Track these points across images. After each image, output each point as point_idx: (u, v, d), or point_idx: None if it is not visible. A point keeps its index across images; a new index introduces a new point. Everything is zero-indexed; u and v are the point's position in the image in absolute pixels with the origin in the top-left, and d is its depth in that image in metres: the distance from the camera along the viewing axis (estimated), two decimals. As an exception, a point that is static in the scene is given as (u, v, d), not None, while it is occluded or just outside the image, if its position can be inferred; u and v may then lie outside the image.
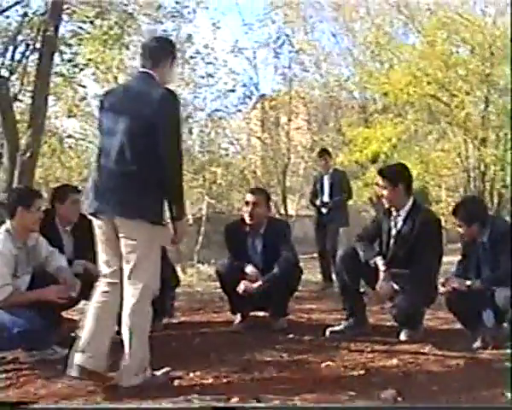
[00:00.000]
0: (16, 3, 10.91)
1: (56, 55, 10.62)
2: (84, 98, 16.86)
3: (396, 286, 5.65)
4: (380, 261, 5.70)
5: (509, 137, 15.29)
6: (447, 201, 19.57)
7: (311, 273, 11.27)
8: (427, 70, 16.01)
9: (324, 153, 10.76)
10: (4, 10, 10.61)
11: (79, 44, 13.32)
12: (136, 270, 4.41)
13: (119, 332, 4.57)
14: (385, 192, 5.76)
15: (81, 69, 13.95)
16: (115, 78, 17.96)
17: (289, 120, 19.39)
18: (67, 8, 11.18)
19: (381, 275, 5.66)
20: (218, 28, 17.66)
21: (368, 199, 19.43)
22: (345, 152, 17.88)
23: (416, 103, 16.73)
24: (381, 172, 5.93)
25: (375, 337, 5.75)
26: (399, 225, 5.76)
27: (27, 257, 5.33)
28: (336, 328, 5.90)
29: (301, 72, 18.46)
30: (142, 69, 4.59)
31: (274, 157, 19.35)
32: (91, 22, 12.56)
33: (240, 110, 19.99)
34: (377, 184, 6.09)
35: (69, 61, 13.26)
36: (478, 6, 16.98)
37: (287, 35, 16.93)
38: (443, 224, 19.33)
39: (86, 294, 5.33)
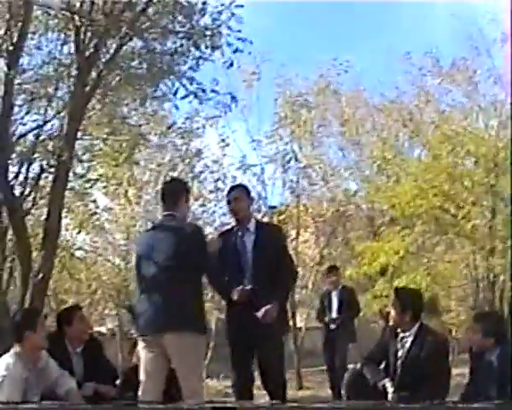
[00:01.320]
0: (31, 130, 11.19)
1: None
2: (94, 213, 17.07)
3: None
4: (388, 383, 5.69)
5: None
6: (457, 310, 19.47)
7: (321, 388, 11.18)
8: (433, 182, 16.21)
9: (333, 269, 10.89)
10: (20, 137, 10.86)
11: (91, 160, 13.64)
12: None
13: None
14: (392, 312, 5.81)
15: (92, 184, 14.22)
16: (126, 192, 18.28)
17: (298, 233, 19.52)
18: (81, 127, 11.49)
19: (390, 397, 5.63)
20: (227, 145, 18.00)
21: (378, 311, 19.30)
22: (353, 265, 17.91)
23: (423, 215, 16.83)
24: (396, 291, 6.00)
25: None
26: (407, 347, 5.77)
27: (37, 379, 5.34)
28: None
29: (309, 185, 18.65)
30: (165, 213, 5.70)
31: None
32: (104, 140, 12.89)
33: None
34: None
35: (81, 176, 13.55)
36: (481, 119, 17.26)
37: (293, 151, 17.22)
38: (453, 333, 19.22)
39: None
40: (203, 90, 9.22)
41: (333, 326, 10.37)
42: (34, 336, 5.28)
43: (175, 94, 9.63)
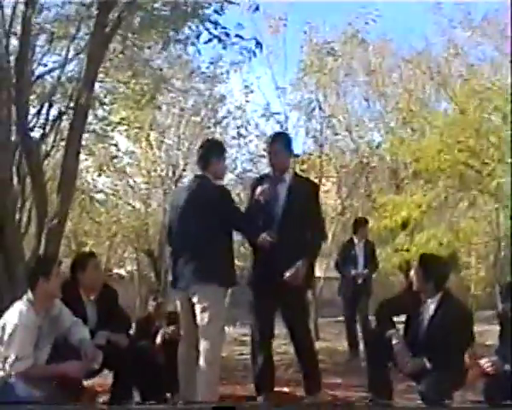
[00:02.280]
0: (50, 71, 11.04)
1: (90, 112, 10.76)
2: (115, 156, 16.98)
3: (427, 363, 5.50)
4: (394, 335, 5.61)
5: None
6: (477, 267, 19.34)
7: (337, 340, 11.10)
8: (458, 137, 15.92)
9: (363, 221, 10.76)
10: (38, 77, 10.72)
11: (113, 103, 13.49)
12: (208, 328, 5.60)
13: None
14: (415, 278, 5.70)
15: (114, 127, 14.09)
16: (147, 136, 18.17)
17: (320, 183, 19.36)
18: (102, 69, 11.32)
19: (395, 348, 5.56)
20: (251, 92, 17.75)
21: (397, 265, 19.20)
22: (374, 217, 17.74)
23: (448, 170, 16.58)
24: (420, 259, 5.87)
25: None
26: (429, 314, 5.65)
27: (50, 327, 5.30)
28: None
29: (333, 135, 18.40)
30: (197, 173, 5.99)
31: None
32: (125, 83, 12.72)
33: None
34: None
35: (102, 119, 13.42)
36: (510, 75, 16.80)
37: (318, 100, 16.93)
38: (472, 290, 19.10)
39: (109, 364, 5.38)
40: (227, 35, 8.96)
41: (360, 281, 10.23)
42: (48, 284, 5.21)
43: (198, 38, 9.36)
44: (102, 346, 5.61)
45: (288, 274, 5.98)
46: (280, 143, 6.40)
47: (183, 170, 19.22)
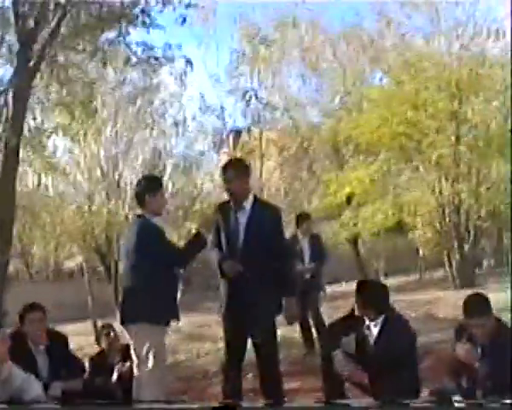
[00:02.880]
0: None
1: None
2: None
3: None
4: (340, 354, 5.67)
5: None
6: (423, 229, 19.49)
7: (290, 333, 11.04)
8: (396, 110, 16.07)
9: (303, 216, 10.67)
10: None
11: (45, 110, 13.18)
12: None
13: None
14: (356, 304, 5.78)
15: (49, 135, 13.80)
16: (85, 134, 17.84)
17: (261, 165, 19.42)
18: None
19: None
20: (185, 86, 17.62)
21: (345, 239, 19.39)
22: (319, 195, 17.88)
23: (387, 143, 16.75)
24: (358, 287, 5.89)
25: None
26: (373, 338, 5.70)
27: (1, 390, 5.16)
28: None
29: (271, 119, 18.43)
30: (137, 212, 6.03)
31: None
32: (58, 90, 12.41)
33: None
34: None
35: (36, 128, 13.12)
36: (442, 44, 16.92)
37: (254, 89, 16.88)
38: (420, 252, 19.31)
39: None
40: (156, 58, 8.80)
41: (307, 276, 10.20)
42: None
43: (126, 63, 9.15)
44: (59, 398, 5.51)
45: (284, 316, 6.05)
46: (234, 170, 6.18)
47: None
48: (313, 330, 10.10)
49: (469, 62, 15.93)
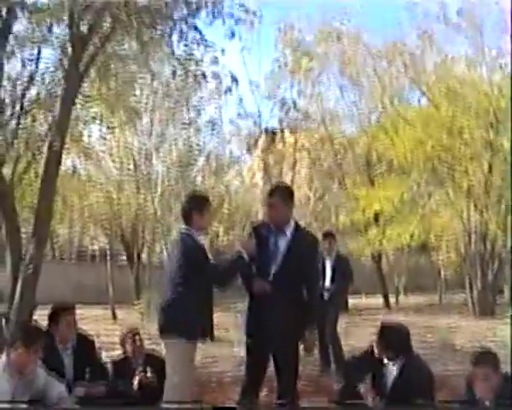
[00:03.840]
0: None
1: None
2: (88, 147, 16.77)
3: None
4: (363, 388, 5.73)
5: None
6: (447, 251, 19.45)
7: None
8: (432, 133, 16.07)
9: (329, 235, 10.63)
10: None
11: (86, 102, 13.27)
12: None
13: None
14: (376, 346, 5.84)
15: (86, 124, 13.90)
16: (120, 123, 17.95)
17: (294, 168, 19.52)
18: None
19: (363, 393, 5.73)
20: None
21: (370, 255, 19.43)
22: (347, 210, 17.93)
23: (420, 166, 16.76)
24: (380, 330, 5.95)
25: None
26: (392, 379, 5.75)
27: (24, 390, 5.28)
28: None
29: (307, 126, 18.49)
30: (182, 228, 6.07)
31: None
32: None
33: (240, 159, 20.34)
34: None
35: (74, 119, 13.17)
36: (484, 72, 16.90)
37: (293, 100, 16.96)
38: (442, 274, 19.20)
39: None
40: (203, 75, 8.88)
41: (326, 295, 10.19)
42: (25, 354, 5.21)
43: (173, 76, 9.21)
44: (82, 399, 5.65)
45: (302, 344, 6.09)
46: (279, 196, 6.16)
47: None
48: (330, 350, 10.14)
49: (509, 93, 15.85)
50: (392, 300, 21.12)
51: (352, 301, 10.99)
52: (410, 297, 22.67)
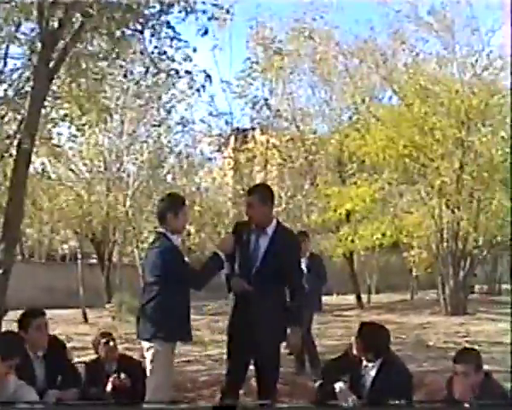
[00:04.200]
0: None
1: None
2: (58, 146, 16.54)
3: None
4: (341, 385, 5.68)
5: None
6: (419, 250, 19.49)
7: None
8: (403, 132, 16.11)
9: (302, 235, 10.59)
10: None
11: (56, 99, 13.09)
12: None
13: None
14: (355, 346, 5.80)
15: (55, 124, 13.71)
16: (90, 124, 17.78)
17: (265, 167, 19.48)
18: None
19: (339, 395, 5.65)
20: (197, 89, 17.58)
21: (342, 254, 19.42)
22: (319, 208, 17.90)
23: (392, 164, 16.80)
24: (360, 329, 5.90)
25: None
26: (370, 379, 5.70)
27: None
28: None
29: (277, 122, 18.44)
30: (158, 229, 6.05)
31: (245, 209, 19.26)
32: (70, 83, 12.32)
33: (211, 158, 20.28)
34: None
35: (43, 116, 12.98)
36: (456, 70, 16.97)
37: (265, 99, 16.90)
38: (414, 272, 19.30)
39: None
40: (177, 72, 8.77)
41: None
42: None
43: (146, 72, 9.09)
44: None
45: (286, 345, 6.08)
46: (258, 195, 6.11)
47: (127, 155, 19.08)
48: (304, 349, 10.08)
49: (480, 91, 15.94)
50: (364, 299, 21.15)
51: (323, 299, 10.93)
52: (382, 296, 22.75)
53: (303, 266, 10.14)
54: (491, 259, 22.30)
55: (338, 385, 5.72)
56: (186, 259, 6.19)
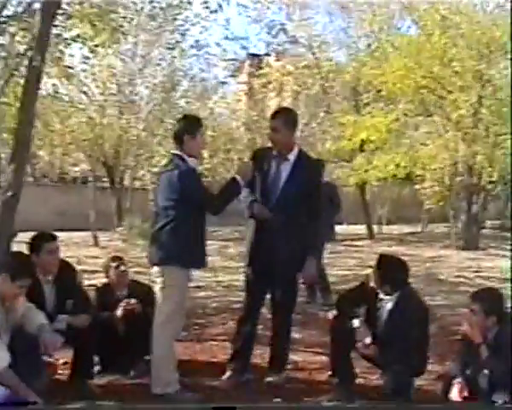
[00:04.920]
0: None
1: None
2: (70, 67, 16.30)
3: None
4: (355, 321, 5.60)
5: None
6: (432, 182, 19.34)
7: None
8: (422, 63, 15.79)
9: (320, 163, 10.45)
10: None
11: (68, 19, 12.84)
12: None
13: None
14: (373, 277, 5.67)
15: (68, 44, 13.45)
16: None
17: (280, 93, 19.28)
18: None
19: (357, 331, 5.57)
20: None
21: (355, 184, 19.30)
22: (333, 137, 17.70)
23: (409, 95, 16.52)
24: (379, 261, 5.75)
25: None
26: (386, 312, 5.60)
27: (4, 318, 5.10)
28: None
29: (293, 49, 18.15)
30: (174, 151, 5.75)
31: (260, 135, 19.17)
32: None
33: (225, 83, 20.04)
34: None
35: (55, 36, 12.74)
36: (478, 1, 16.53)
37: (282, 24, 16.55)
38: (425, 205, 19.16)
39: (69, 341, 5.48)
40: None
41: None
42: (9, 285, 5.00)
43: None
44: (63, 331, 5.47)
45: (302, 275, 6.02)
46: (283, 119, 5.95)
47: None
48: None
49: (503, 23, 15.53)
50: (374, 229, 21.10)
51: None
52: (393, 227, 22.70)
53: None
54: (503, 194, 22.14)
55: (355, 321, 5.63)
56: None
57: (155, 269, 5.65)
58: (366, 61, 17.28)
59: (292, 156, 5.93)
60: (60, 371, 6.07)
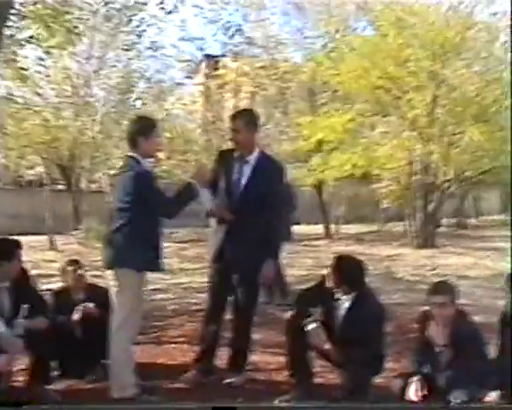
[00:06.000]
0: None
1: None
2: (24, 69, 16.10)
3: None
4: (310, 321, 5.60)
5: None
6: (388, 181, 19.50)
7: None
8: (378, 63, 15.92)
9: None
10: None
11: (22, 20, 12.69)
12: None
13: None
14: (331, 277, 5.69)
15: (22, 46, 13.30)
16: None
17: (236, 94, 19.26)
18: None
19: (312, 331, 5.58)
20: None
21: (311, 184, 19.39)
22: (290, 138, 17.76)
23: (365, 95, 16.65)
24: (336, 261, 5.77)
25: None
26: (343, 312, 5.63)
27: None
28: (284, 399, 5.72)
29: (250, 49, 18.18)
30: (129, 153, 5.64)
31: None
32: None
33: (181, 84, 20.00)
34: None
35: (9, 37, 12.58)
36: (432, 1, 16.69)
37: (238, 25, 16.56)
38: (382, 204, 19.36)
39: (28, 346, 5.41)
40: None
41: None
42: None
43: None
44: (22, 336, 5.41)
45: (260, 276, 5.95)
46: (244, 120, 5.96)
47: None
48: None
49: (456, 24, 15.76)
50: (332, 229, 21.22)
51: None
52: (351, 227, 22.84)
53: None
54: (459, 193, 22.45)
55: (309, 326, 5.63)
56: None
57: (110, 272, 5.59)
58: (322, 61, 17.31)
59: (253, 158, 5.95)
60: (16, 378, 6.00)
